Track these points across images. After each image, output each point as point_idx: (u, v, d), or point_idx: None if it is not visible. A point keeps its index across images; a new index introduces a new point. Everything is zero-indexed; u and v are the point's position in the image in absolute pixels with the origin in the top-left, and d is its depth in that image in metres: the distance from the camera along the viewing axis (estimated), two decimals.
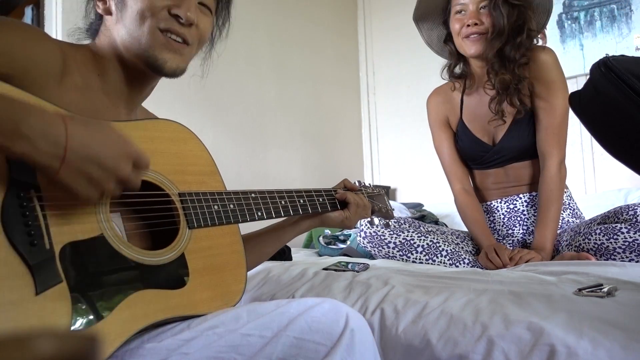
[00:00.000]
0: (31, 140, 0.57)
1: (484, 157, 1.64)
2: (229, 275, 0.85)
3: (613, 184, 2.45)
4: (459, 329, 0.87)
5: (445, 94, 1.74)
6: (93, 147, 0.62)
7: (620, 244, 1.30)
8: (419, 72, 3.08)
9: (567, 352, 0.74)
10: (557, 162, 1.52)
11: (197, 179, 0.86)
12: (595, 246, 1.34)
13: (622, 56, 0.81)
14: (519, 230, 1.62)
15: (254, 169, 2.57)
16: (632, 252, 1.29)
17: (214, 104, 2.40)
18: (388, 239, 1.57)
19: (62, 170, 0.59)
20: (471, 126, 1.67)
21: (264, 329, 0.71)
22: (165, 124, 0.85)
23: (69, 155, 0.59)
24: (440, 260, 1.52)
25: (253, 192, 0.92)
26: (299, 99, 2.91)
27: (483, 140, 1.64)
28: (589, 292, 0.93)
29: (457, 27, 1.56)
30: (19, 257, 0.59)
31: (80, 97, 0.78)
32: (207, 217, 0.83)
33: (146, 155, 0.68)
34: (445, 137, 1.73)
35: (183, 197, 0.81)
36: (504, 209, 1.65)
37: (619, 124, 0.78)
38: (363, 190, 1.16)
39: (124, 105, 0.88)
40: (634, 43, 2.46)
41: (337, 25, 3.29)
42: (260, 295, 1.21)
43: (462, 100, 1.70)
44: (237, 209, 0.87)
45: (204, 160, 0.89)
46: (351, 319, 0.72)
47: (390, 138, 3.28)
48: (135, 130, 0.79)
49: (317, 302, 0.74)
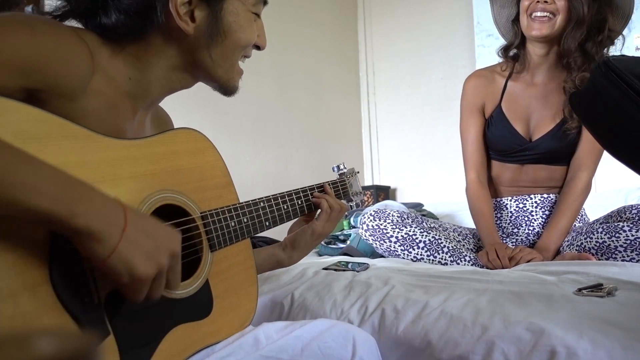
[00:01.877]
0: (96, 208, 0.55)
1: (515, 150, 1.58)
2: (244, 294, 0.87)
3: (613, 184, 2.45)
4: (459, 329, 0.87)
5: (486, 78, 1.65)
6: (145, 222, 0.61)
7: (622, 242, 1.30)
8: (419, 72, 3.09)
9: (567, 352, 0.74)
10: (589, 177, 1.52)
11: (215, 194, 0.86)
12: (597, 245, 1.34)
13: (622, 56, 0.81)
14: (524, 230, 1.61)
15: (254, 169, 2.57)
16: (634, 251, 1.28)
17: (214, 104, 2.40)
18: (390, 233, 1.56)
19: (122, 242, 0.56)
20: (509, 115, 1.59)
21: (281, 352, 0.75)
22: (185, 135, 0.84)
23: (129, 225, 0.57)
24: (441, 256, 1.52)
25: (261, 200, 0.93)
26: (299, 99, 2.91)
27: (520, 133, 1.57)
28: (589, 292, 0.93)
29: (526, 3, 1.48)
30: (69, 315, 0.58)
31: (102, 103, 0.74)
32: (227, 237, 0.83)
33: (179, 267, 0.66)
34: (473, 123, 1.65)
35: (205, 220, 0.80)
36: (513, 207, 1.63)
37: (619, 124, 0.78)
38: (339, 185, 1.16)
39: (146, 108, 0.85)
40: (634, 43, 2.46)
41: (337, 26, 3.29)
42: (260, 295, 1.21)
43: (505, 86, 1.61)
44: (250, 222, 0.88)
45: (220, 171, 0.90)
46: (358, 345, 0.78)
47: (390, 138, 3.29)
48: (160, 145, 0.78)
49: (327, 327, 0.79)
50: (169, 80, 0.82)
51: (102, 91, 0.74)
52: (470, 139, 1.65)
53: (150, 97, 0.83)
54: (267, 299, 1.15)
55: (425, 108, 3.08)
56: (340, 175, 1.19)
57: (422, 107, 3.10)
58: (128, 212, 0.59)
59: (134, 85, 0.79)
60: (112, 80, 0.75)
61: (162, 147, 0.78)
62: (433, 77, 3.03)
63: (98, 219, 0.55)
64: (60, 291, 0.57)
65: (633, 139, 0.77)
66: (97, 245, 0.55)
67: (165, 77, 0.81)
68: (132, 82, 0.78)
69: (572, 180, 1.53)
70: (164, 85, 0.82)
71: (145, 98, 0.82)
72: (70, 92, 0.68)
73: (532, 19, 1.47)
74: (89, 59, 0.71)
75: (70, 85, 0.68)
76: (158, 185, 0.74)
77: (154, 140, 0.78)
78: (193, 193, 0.80)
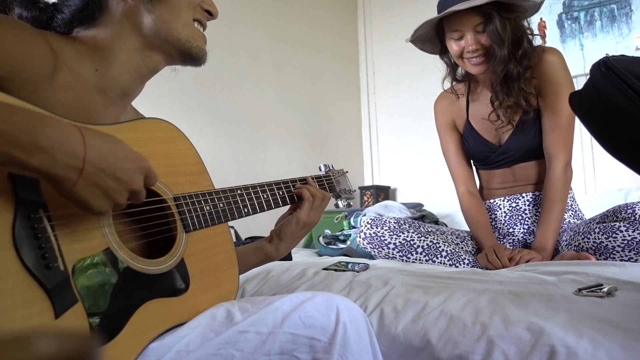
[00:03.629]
0: (49, 153, 0.55)
1: (490, 157, 1.65)
2: (223, 275, 0.87)
3: (613, 184, 2.45)
4: (458, 329, 0.87)
5: (451, 97, 1.74)
6: (109, 160, 0.61)
7: (619, 243, 1.30)
8: (419, 72, 3.09)
9: (567, 352, 0.74)
10: (563, 164, 1.52)
11: (188, 180, 0.86)
12: (594, 245, 1.34)
13: (622, 56, 0.81)
14: (519, 230, 1.62)
15: (254, 169, 2.57)
16: (631, 251, 1.29)
17: (214, 104, 2.40)
18: (388, 240, 1.57)
19: (80, 183, 0.58)
20: (477, 127, 1.67)
21: (260, 325, 0.72)
22: (154, 124, 0.85)
23: (87, 167, 0.59)
24: (440, 260, 1.52)
25: (239, 188, 0.94)
26: (299, 99, 2.92)
27: (489, 141, 1.64)
28: (589, 292, 0.93)
29: (455, 49, 1.54)
30: (36, 281, 0.58)
31: (70, 96, 0.76)
32: (202, 219, 0.84)
33: (155, 171, 0.68)
34: (451, 140, 1.74)
35: (178, 201, 0.81)
36: (506, 207, 1.65)
37: (619, 124, 0.78)
38: (324, 180, 1.16)
39: (117, 102, 0.86)
40: (634, 43, 2.46)
41: (337, 25, 3.29)
42: (260, 295, 1.21)
43: (468, 102, 1.70)
44: (227, 208, 0.89)
45: (193, 158, 0.90)
46: (342, 312, 0.72)
47: (390, 138, 3.29)
48: (128, 132, 0.78)
49: (308, 297, 0.75)
50: (135, 64, 0.85)
51: (70, 85, 0.76)
52: (451, 155, 1.74)
53: (120, 87, 0.84)
54: None
55: (425, 108, 3.08)
56: (327, 172, 1.21)
57: (422, 106, 3.10)
58: (88, 149, 0.59)
59: (102, 77, 0.82)
60: (78, 75, 0.78)
61: (130, 134, 0.78)
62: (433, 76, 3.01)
63: (55, 161, 0.56)
64: (24, 256, 0.57)
65: (633, 139, 0.77)
66: (56, 184, 0.58)
67: (129, 60, 0.84)
68: (100, 73, 0.81)
69: (548, 173, 1.55)
70: (131, 70, 0.85)
71: (115, 89, 0.84)
72: (31, 80, 0.70)
73: (467, 60, 1.53)
74: (48, 50, 0.73)
75: (29, 73, 0.69)
76: None
77: (121, 127, 0.78)
78: (164, 177, 0.81)
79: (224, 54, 2.46)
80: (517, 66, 1.49)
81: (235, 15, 2.56)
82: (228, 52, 2.49)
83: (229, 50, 2.50)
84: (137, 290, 0.71)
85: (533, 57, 1.52)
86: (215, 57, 2.55)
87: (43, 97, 0.70)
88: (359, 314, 0.76)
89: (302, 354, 0.70)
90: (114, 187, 0.62)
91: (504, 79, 1.52)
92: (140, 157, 0.66)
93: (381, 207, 2.17)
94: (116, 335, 0.65)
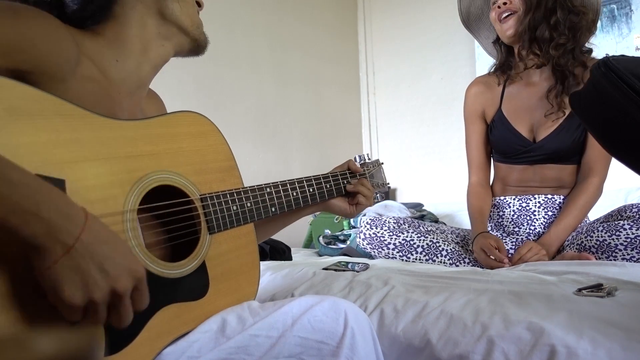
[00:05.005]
0: (46, 224, 0.52)
1: (519, 151, 1.58)
2: (243, 278, 0.86)
3: (613, 184, 2.44)
4: (459, 328, 0.87)
5: (485, 84, 1.70)
6: (103, 249, 0.56)
7: (622, 241, 1.30)
8: (419, 72, 3.09)
9: (567, 352, 0.74)
10: (599, 181, 1.51)
11: (217, 177, 0.85)
12: (597, 243, 1.34)
13: (622, 56, 0.81)
14: (525, 230, 1.59)
15: (254, 169, 2.57)
16: (634, 249, 1.28)
17: (214, 104, 2.40)
18: (388, 240, 1.57)
19: (62, 262, 0.53)
20: (511, 118, 1.61)
21: (271, 329, 0.72)
22: (186, 117, 0.84)
23: (77, 246, 0.54)
24: (440, 260, 1.52)
25: (268, 185, 0.93)
26: (299, 99, 2.92)
27: (523, 135, 1.58)
28: (589, 292, 0.93)
29: (493, 15, 1.57)
30: None
31: (95, 87, 0.75)
32: (227, 220, 0.82)
33: (147, 290, 0.62)
34: (475, 129, 1.70)
35: (205, 202, 0.80)
36: (516, 206, 1.62)
37: (619, 124, 0.78)
38: (366, 172, 1.16)
39: (135, 92, 0.85)
40: (634, 43, 2.46)
41: (337, 26, 3.29)
42: (260, 295, 1.21)
43: (504, 91, 1.65)
44: (254, 207, 0.88)
45: (224, 154, 0.89)
46: (349, 317, 0.74)
47: (390, 138, 3.29)
48: (159, 127, 0.77)
49: (317, 301, 0.75)
50: (152, 54, 0.86)
51: (93, 77, 0.75)
52: (473, 144, 1.71)
53: (139, 78, 0.85)
54: (267, 299, 1.15)
55: (425, 108, 3.08)
56: (362, 165, 1.18)
57: (422, 106, 3.10)
58: (86, 231, 0.55)
59: (122, 68, 0.81)
60: (100, 67, 0.78)
61: (160, 129, 0.78)
62: (433, 76, 3.03)
63: (46, 233, 0.53)
64: None
65: (633, 139, 0.77)
66: (36, 257, 0.53)
67: (147, 50, 0.85)
68: (120, 64, 0.81)
69: (583, 183, 1.52)
70: (148, 60, 0.85)
71: (133, 79, 0.84)
72: (59, 72, 0.69)
73: (500, 23, 1.56)
74: (73, 42, 0.72)
75: (57, 66, 0.69)
76: (155, 165, 0.74)
77: (152, 122, 0.77)
78: (193, 175, 0.80)
79: (224, 54, 2.46)
80: (548, 29, 1.48)
81: (236, 16, 2.56)
82: (228, 52, 2.49)
83: (229, 50, 2.50)
84: (155, 295, 0.69)
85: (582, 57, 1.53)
86: (216, 57, 2.55)
87: (69, 89, 0.70)
88: (364, 318, 0.77)
89: (310, 357, 0.70)
90: (96, 279, 0.55)
91: (530, 34, 1.51)
92: (137, 263, 0.61)
93: (381, 207, 2.17)
94: (131, 341, 0.65)
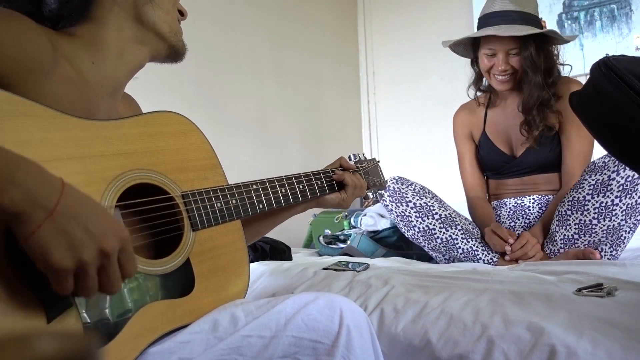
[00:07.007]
0: (23, 189, 0.51)
1: (504, 167, 1.72)
2: (232, 275, 0.84)
3: None
4: (458, 328, 0.87)
5: (469, 109, 1.84)
6: (84, 210, 0.56)
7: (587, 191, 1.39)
8: (419, 72, 3.09)
9: (567, 352, 0.74)
10: None
11: (199, 175, 0.84)
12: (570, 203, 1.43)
13: (622, 56, 0.81)
14: (520, 223, 1.69)
15: (254, 169, 2.56)
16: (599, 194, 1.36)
17: (213, 104, 2.40)
18: (409, 199, 1.61)
19: (45, 226, 0.52)
20: (493, 137, 1.75)
21: (263, 329, 0.71)
22: (165, 117, 0.83)
23: (59, 208, 0.53)
24: (453, 232, 1.57)
25: (254, 182, 0.90)
26: (299, 99, 2.91)
27: (504, 152, 1.72)
28: (589, 292, 0.93)
29: (486, 64, 1.64)
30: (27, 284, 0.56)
31: (72, 89, 0.74)
32: (211, 217, 0.81)
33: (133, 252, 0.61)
34: (466, 150, 1.83)
35: (186, 199, 0.79)
36: (512, 204, 1.72)
37: (618, 124, 0.78)
38: (359, 169, 1.14)
39: (111, 96, 0.85)
40: (634, 43, 2.46)
41: (337, 26, 3.29)
42: (260, 295, 1.21)
43: (486, 114, 1.79)
44: (240, 204, 0.85)
45: (205, 153, 0.87)
46: (345, 315, 0.72)
47: (390, 138, 3.28)
48: (136, 126, 0.77)
49: (311, 299, 0.74)
50: (128, 58, 0.84)
51: (70, 79, 0.74)
52: (466, 163, 1.84)
53: (114, 81, 0.84)
54: None
55: (426, 107, 3.08)
56: (356, 163, 1.15)
57: (422, 106, 3.10)
58: (65, 195, 0.54)
59: (98, 70, 0.80)
60: (77, 68, 0.77)
61: (137, 128, 0.77)
62: (433, 76, 3.02)
63: (25, 198, 0.52)
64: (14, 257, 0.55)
65: (633, 139, 0.77)
66: (19, 225, 0.52)
67: (123, 53, 0.83)
68: (96, 66, 0.80)
69: (565, 189, 1.60)
70: (124, 63, 0.84)
71: (109, 82, 0.83)
72: (31, 75, 0.68)
73: (494, 77, 1.64)
74: (48, 43, 0.72)
75: (29, 69, 0.68)
76: (132, 164, 0.73)
77: (127, 122, 0.77)
78: (173, 173, 0.79)
79: (224, 54, 2.46)
80: (548, 92, 1.58)
81: (236, 16, 2.56)
82: (228, 52, 2.49)
83: (229, 50, 2.50)
84: (136, 292, 0.69)
85: (560, 86, 1.61)
86: (216, 57, 2.56)
87: (45, 91, 0.69)
88: (361, 316, 0.75)
89: (304, 356, 0.69)
90: (82, 239, 0.54)
91: (538, 107, 1.60)
92: (120, 224, 0.59)
93: (381, 206, 2.16)
94: (113, 338, 0.64)
